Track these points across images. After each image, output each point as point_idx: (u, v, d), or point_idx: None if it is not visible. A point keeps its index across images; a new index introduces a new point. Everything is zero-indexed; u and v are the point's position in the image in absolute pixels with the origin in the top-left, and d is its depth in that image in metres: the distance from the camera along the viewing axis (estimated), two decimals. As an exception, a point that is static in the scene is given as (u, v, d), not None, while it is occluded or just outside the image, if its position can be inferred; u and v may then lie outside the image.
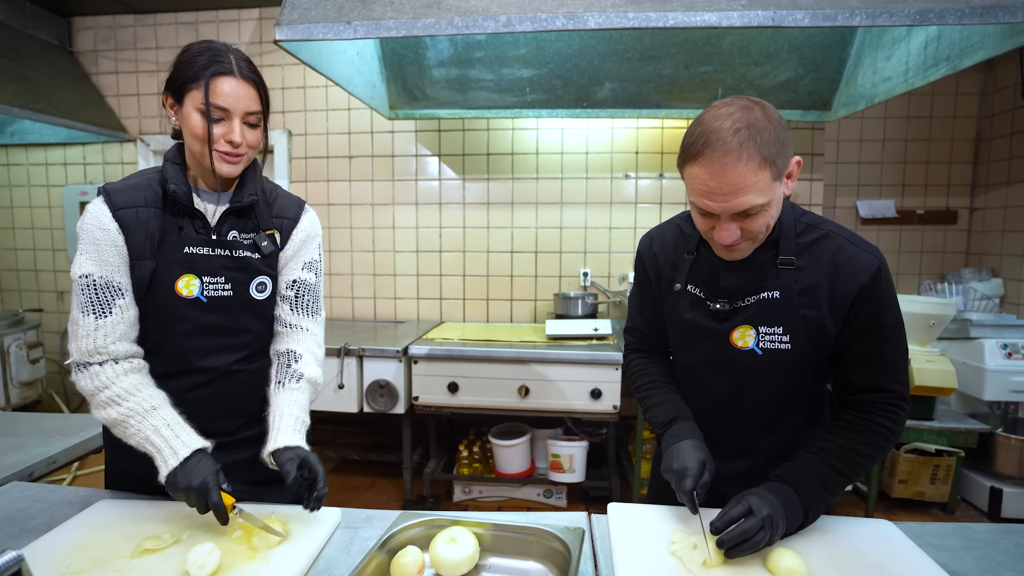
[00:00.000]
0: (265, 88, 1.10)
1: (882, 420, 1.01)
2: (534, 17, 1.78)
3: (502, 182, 3.43)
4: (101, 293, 1.05)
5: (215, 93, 1.03)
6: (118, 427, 1.05)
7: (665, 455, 1.09)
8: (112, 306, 1.06)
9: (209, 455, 1.04)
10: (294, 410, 1.13)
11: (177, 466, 1.00)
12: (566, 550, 0.93)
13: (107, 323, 1.05)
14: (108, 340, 1.06)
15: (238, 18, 3.48)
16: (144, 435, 1.03)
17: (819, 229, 1.04)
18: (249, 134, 1.08)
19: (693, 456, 1.03)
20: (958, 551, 1.00)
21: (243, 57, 1.08)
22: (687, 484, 0.99)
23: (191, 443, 1.03)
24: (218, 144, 1.05)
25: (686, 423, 1.11)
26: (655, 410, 1.18)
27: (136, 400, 1.05)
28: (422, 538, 1.01)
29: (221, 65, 1.03)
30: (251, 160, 1.14)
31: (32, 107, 2.95)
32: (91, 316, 1.05)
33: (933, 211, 3.58)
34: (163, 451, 1.02)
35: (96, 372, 1.05)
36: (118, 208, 1.06)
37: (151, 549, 0.96)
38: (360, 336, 3.01)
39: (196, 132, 1.04)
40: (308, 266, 1.24)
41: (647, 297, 1.22)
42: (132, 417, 1.03)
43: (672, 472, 1.03)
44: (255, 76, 1.08)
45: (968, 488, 2.91)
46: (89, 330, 1.05)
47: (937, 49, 2.20)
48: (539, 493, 2.97)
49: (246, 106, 1.06)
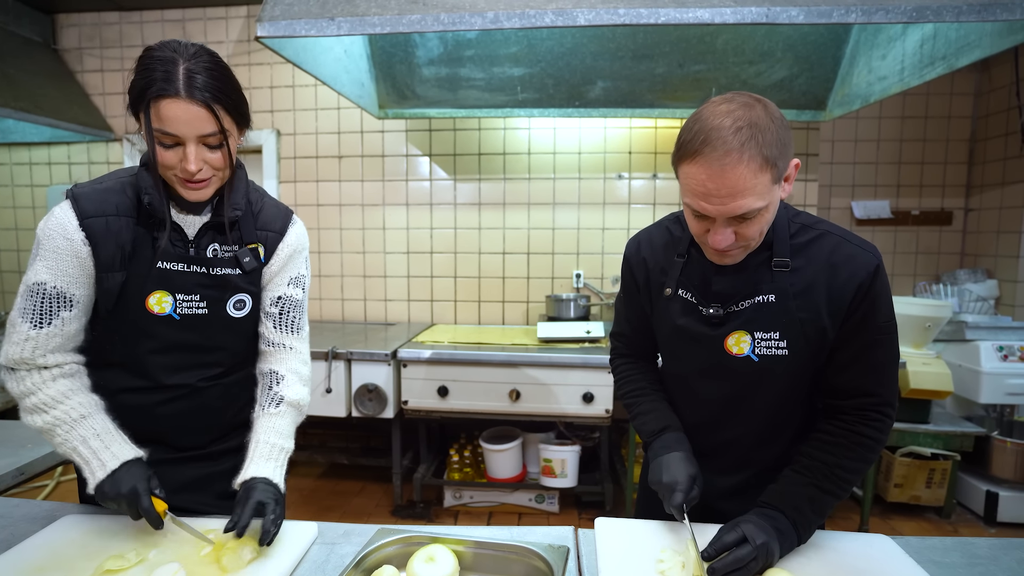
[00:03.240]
0: (229, 100, 0.95)
1: (867, 431, 0.97)
2: (522, 13, 1.74)
3: (494, 182, 3.38)
4: (47, 303, 0.99)
5: (160, 118, 0.90)
6: (46, 435, 1.00)
7: (653, 465, 1.05)
8: (53, 317, 0.99)
9: (142, 463, 0.99)
10: (271, 437, 1.08)
11: (105, 477, 0.95)
12: (548, 569, 0.89)
13: (41, 335, 0.99)
14: (37, 352, 0.99)
15: (226, 15, 3.42)
16: (71, 445, 0.97)
17: (814, 229, 1.00)
18: (210, 157, 0.95)
19: (683, 470, 1.00)
20: (959, 568, 0.96)
21: (201, 67, 0.92)
22: (676, 499, 0.96)
23: (121, 454, 0.98)
24: (174, 171, 0.96)
25: (676, 434, 1.08)
26: (643, 418, 1.14)
27: (63, 408, 0.99)
28: (399, 556, 0.97)
29: (165, 84, 0.89)
30: (223, 180, 1.02)
31: (15, 106, 2.88)
32: (27, 324, 0.98)
33: (928, 212, 3.56)
34: (91, 463, 0.96)
35: (23, 376, 1.00)
36: (86, 216, 0.98)
37: (113, 570, 0.91)
38: (349, 339, 2.96)
39: (155, 156, 0.94)
40: (294, 281, 1.17)
41: (634, 303, 1.17)
42: (59, 426, 0.98)
43: (661, 485, 1.00)
44: (209, 92, 0.91)
45: (964, 492, 2.89)
46: (20, 339, 0.98)
47: (933, 48, 2.16)
48: (531, 498, 2.93)
49: (198, 129, 0.92)
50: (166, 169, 0.97)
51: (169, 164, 0.95)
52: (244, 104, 1.00)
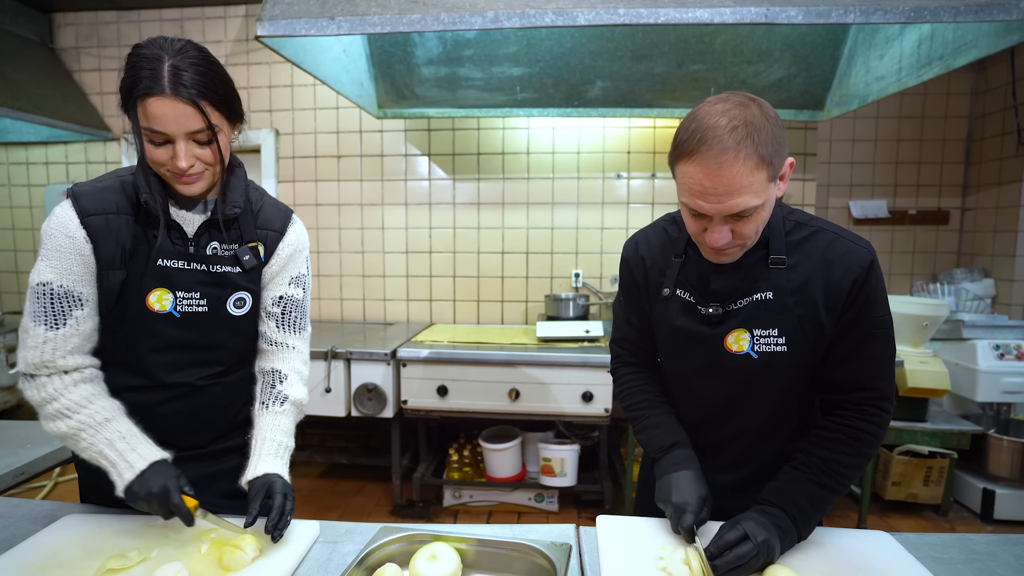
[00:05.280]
0: (216, 95, 0.95)
1: (865, 425, 0.98)
2: (522, 13, 1.74)
3: (492, 182, 3.38)
4: (57, 303, 0.98)
5: (148, 116, 0.91)
6: (69, 440, 1.00)
7: (662, 483, 1.03)
8: (67, 317, 0.99)
9: (169, 463, 1.00)
10: (276, 435, 1.09)
11: (134, 479, 0.95)
12: (551, 566, 0.89)
13: (58, 335, 0.99)
14: (57, 354, 0.99)
15: (224, 15, 3.42)
16: (97, 449, 0.97)
17: (809, 226, 1.01)
18: (200, 152, 0.96)
19: (694, 491, 0.99)
20: (958, 563, 0.97)
21: (187, 63, 0.92)
22: (687, 520, 0.94)
23: (147, 455, 0.98)
24: (166, 167, 0.97)
25: (685, 451, 1.06)
26: (650, 432, 1.12)
27: (88, 412, 0.99)
28: (402, 554, 0.97)
29: (150, 82, 0.89)
30: (216, 175, 1.03)
31: (12, 105, 2.87)
32: (42, 327, 0.98)
33: (925, 211, 3.57)
34: (118, 465, 0.97)
35: (43, 383, 0.99)
36: (87, 214, 0.99)
37: (115, 569, 0.91)
38: (349, 339, 2.96)
39: (144, 153, 0.96)
40: (295, 281, 1.17)
41: (635, 304, 1.17)
42: (84, 430, 0.98)
43: (671, 505, 0.99)
44: (195, 88, 0.91)
45: (961, 490, 2.90)
46: (38, 342, 0.98)
47: (930, 48, 2.17)
48: (530, 497, 2.93)
49: (186, 126, 0.92)
50: (158, 166, 0.97)
51: (160, 161, 0.96)
52: (234, 99, 1.00)
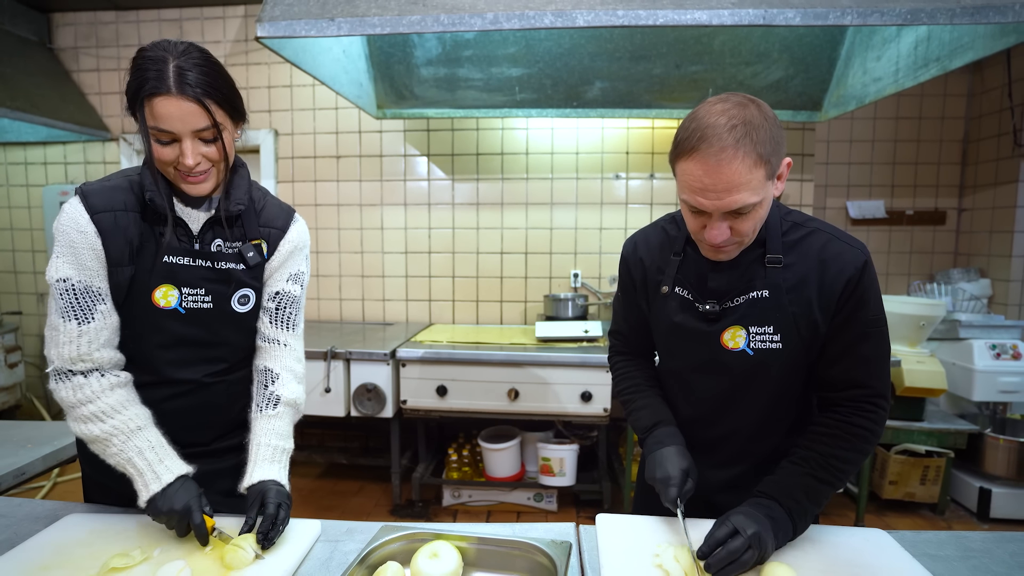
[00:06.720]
0: (220, 94, 0.97)
1: (861, 421, 0.99)
2: (522, 14, 1.75)
3: (491, 182, 3.39)
4: (81, 298, 1.00)
5: (154, 115, 0.94)
6: (98, 444, 1.01)
7: (648, 461, 1.08)
8: (94, 311, 1.00)
9: (191, 479, 1.01)
10: (271, 439, 1.10)
11: (159, 492, 0.97)
12: (552, 564, 0.90)
13: (91, 329, 1.00)
14: (92, 347, 1.00)
15: (223, 15, 3.42)
16: (126, 456, 0.99)
17: (805, 227, 1.03)
18: (206, 150, 0.98)
19: (676, 464, 1.03)
20: (953, 561, 0.98)
21: (191, 64, 0.94)
22: (671, 493, 0.99)
23: (175, 468, 1.00)
24: (174, 165, 0.98)
25: (668, 428, 1.10)
26: (637, 414, 1.16)
27: (122, 419, 1.00)
28: (403, 553, 0.98)
29: (156, 83, 0.92)
30: (222, 173, 1.05)
31: (10, 105, 2.87)
32: (73, 322, 0.99)
33: (922, 212, 3.59)
34: (145, 475, 0.98)
35: (80, 384, 1.00)
36: (96, 211, 1.00)
37: (118, 568, 0.91)
38: (348, 339, 2.96)
39: (152, 153, 0.98)
40: (293, 278, 1.19)
41: (632, 303, 1.19)
42: (116, 436, 0.99)
43: (656, 481, 1.03)
44: (200, 87, 0.94)
45: (958, 489, 2.92)
46: (72, 336, 0.99)
47: (927, 50, 2.19)
48: (529, 497, 2.94)
49: (192, 125, 0.95)
50: (165, 165, 0.99)
51: (167, 160, 0.98)
52: (236, 98, 1.03)
